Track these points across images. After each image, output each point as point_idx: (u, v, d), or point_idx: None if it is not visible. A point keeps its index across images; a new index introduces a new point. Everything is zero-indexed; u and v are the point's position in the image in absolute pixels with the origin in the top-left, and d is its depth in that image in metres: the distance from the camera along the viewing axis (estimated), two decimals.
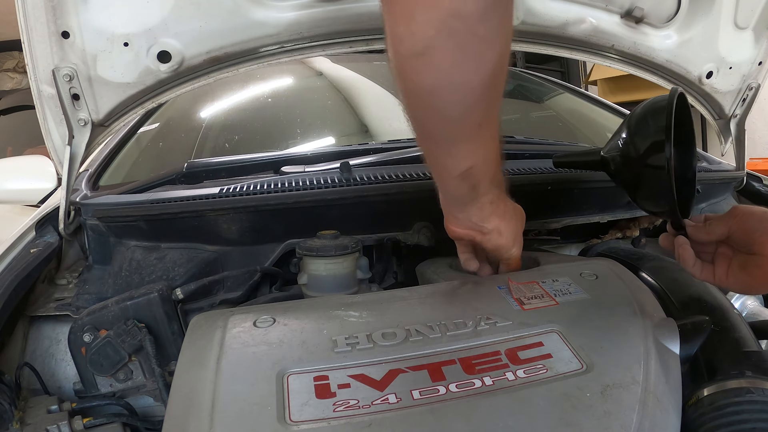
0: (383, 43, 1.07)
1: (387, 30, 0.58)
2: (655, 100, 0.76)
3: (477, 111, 0.63)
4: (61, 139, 0.93)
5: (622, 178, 0.82)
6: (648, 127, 0.74)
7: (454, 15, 0.54)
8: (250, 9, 0.93)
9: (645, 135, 0.75)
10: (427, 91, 0.60)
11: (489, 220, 0.75)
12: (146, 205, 0.93)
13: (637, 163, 0.75)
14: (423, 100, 0.62)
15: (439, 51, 0.56)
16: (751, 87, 1.33)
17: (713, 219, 0.72)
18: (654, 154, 0.71)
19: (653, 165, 0.71)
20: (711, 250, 0.73)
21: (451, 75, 0.58)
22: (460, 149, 0.67)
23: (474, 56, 0.57)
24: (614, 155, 0.81)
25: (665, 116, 0.70)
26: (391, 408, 0.52)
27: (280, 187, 0.94)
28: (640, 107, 0.79)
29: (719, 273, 0.70)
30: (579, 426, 0.50)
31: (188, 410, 0.53)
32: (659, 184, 0.70)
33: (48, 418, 0.74)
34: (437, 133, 0.67)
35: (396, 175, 0.98)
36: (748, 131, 1.39)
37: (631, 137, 0.78)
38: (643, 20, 1.17)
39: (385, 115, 1.55)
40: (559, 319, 0.65)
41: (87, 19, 0.86)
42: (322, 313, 0.68)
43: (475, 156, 0.67)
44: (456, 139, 0.66)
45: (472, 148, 0.67)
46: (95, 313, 0.81)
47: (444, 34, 0.55)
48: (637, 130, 0.77)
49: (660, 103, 0.73)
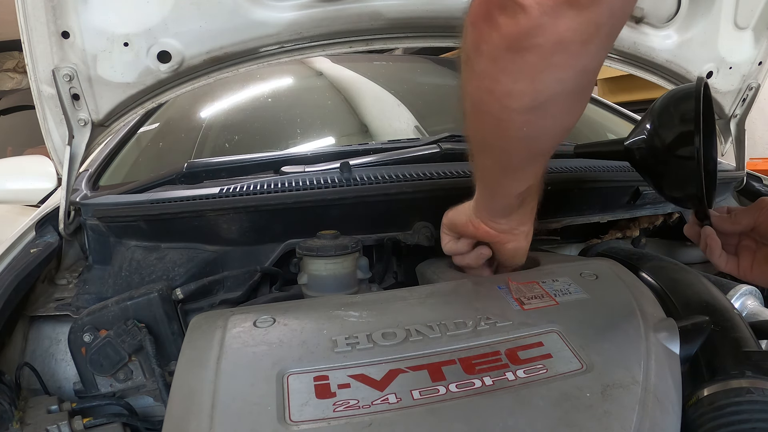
0: (383, 43, 1.08)
1: (493, 86, 0.55)
2: (680, 89, 0.75)
3: (556, 143, 0.63)
4: (61, 139, 0.93)
5: (646, 167, 0.81)
6: (674, 116, 0.74)
7: (582, 72, 0.53)
8: (250, 9, 0.93)
9: (672, 124, 0.74)
10: (532, 137, 0.60)
11: (526, 224, 0.76)
12: (146, 205, 0.93)
13: (663, 152, 0.74)
14: (521, 144, 0.61)
15: (558, 104, 0.56)
16: (751, 87, 1.33)
17: (738, 210, 0.71)
18: (682, 143, 0.70)
19: (681, 154, 0.70)
20: (733, 242, 0.72)
21: (564, 122, 0.59)
22: (527, 173, 0.67)
23: (581, 104, 0.58)
24: (639, 145, 0.80)
25: (693, 105, 0.69)
26: (391, 408, 0.52)
27: (280, 187, 0.94)
28: (664, 96, 0.78)
29: (744, 265, 0.70)
30: (579, 426, 0.50)
31: (188, 410, 0.53)
32: (686, 173, 0.69)
33: (48, 418, 0.74)
34: (515, 163, 0.66)
35: (396, 175, 0.98)
36: (748, 131, 1.39)
37: (657, 127, 0.77)
38: (643, 20, 1.17)
39: (385, 115, 1.55)
40: (559, 319, 0.65)
41: (87, 19, 0.86)
42: (322, 313, 0.68)
43: (536, 176, 0.69)
44: (525, 165, 0.66)
45: (537, 169, 0.68)
46: (95, 313, 0.81)
47: (570, 89, 0.54)
48: (663, 120, 0.76)
49: (686, 92, 0.73)
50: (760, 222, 0.69)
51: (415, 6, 1.01)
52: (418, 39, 1.08)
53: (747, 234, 0.71)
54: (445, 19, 1.04)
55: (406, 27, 1.03)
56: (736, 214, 0.71)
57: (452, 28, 1.07)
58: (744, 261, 0.70)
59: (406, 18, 1.01)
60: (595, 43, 0.49)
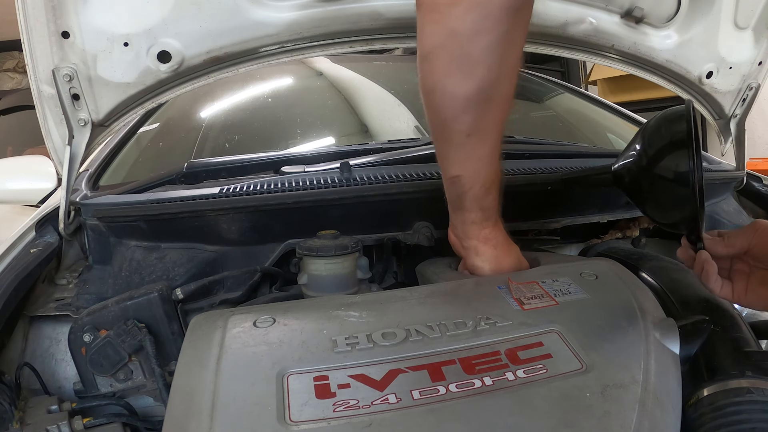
0: (383, 43, 1.08)
1: None
2: (669, 112, 0.76)
3: (464, 120, 0.69)
4: (61, 139, 0.93)
5: (636, 192, 0.81)
6: (666, 140, 0.74)
7: (450, 32, 0.64)
8: (250, 9, 0.93)
9: (664, 148, 0.74)
10: (427, 90, 0.70)
11: (468, 238, 0.79)
12: (146, 205, 0.93)
13: (654, 176, 0.74)
14: (425, 99, 0.71)
15: (436, 59, 0.66)
16: (751, 87, 1.33)
17: (730, 233, 0.70)
18: (675, 167, 0.70)
19: (675, 178, 0.70)
20: (726, 266, 0.71)
21: (443, 82, 0.67)
22: (451, 154, 0.74)
23: (462, 70, 0.66)
24: (629, 170, 0.80)
25: (685, 127, 0.69)
26: (391, 408, 0.52)
27: (280, 187, 0.94)
28: (653, 120, 0.79)
29: (738, 290, 0.69)
30: (579, 426, 0.50)
31: (188, 410, 0.53)
32: (679, 197, 0.69)
33: (48, 418, 0.74)
34: (435, 131, 0.74)
35: (396, 175, 0.98)
36: (748, 131, 1.39)
37: (647, 151, 0.77)
38: (643, 20, 1.17)
39: (385, 115, 1.55)
40: (559, 319, 0.65)
41: (87, 19, 0.86)
42: (322, 313, 0.68)
43: (463, 167, 0.74)
44: (448, 142, 0.73)
45: (461, 156, 0.73)
46: (95, 313, 0.81)
47: (440, 46, 0.65)
48: (654, 144, 0.76)
49: (676, 115, 0.73)
50: (754, 244, 0.68)
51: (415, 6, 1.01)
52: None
53: (739, 258, 0.70)
54: None
55: (406, 27, 1.03)
56: (729, 237, 0.70)
57: None
58: (738, 285, 0.69)
59: (406, 18, 1.01)
60: (460, 6, 0.61)
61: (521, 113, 1.91)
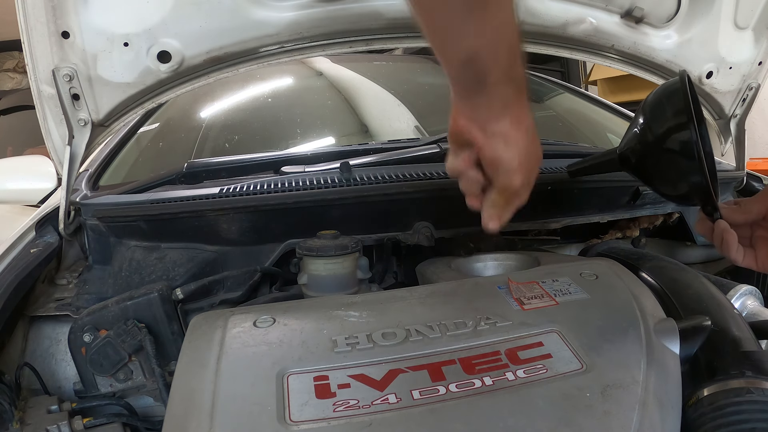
0: (383, 43, 1.08)
1: None
2: (665, 85, 0.75)
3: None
4: (61, 139, 0.93)
5: (644, 170, 0.80)
6: (666, 110, 0.73)
7: None
8: (250, 9, 0.93)
9: (664, 118, 0.73)
10: None
11: (497, 121, 0.60)
12: (146, 205, 0.93)
13: (659, 148, 0.73)
14: None
15: None
16: (751, 87, 1.33)
17: (746, 200, 0.68)
18: (677, 133, 0.69)
19: (680, 149, 0.69)
20: (746, 234, 0.69)
21: None
22: (461, 23, 0.54)
23: None
24: (634, 149, 0.79)
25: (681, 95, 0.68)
26: (391, 408, 0.52)
27: (280, 187, 0.94)
28: (650, 97, 0.78)
29: (761, 257, 0.67)
30: (579, 426, 0.50)
31: (188, 410, 0.53)
32: (687, 164, 0.68)
33: (48, 418, 0.74)
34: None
35: (396, 175, 0.98)
36: (748, 131, 1.39)
37: (649, 125, 0.76)
38: (643, 20, 1.17)
39: (385, 115, 1.55)
40: (559, 319, 0.65)
41: (87, 19, 0.86)
42: (322, 313, 0.68)
43: (480, 36, 0.55)
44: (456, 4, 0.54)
45: (477, 20, 0.54)
46: (95, 313, 0.81)
47: None
48: (655, 117, 0.75)
49: (671, 85, 0.72)
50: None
51: None
52: (418, 39, 1.08)
53: (759, 224, 0.68)
54: None
55: (406, 27, 1.03)
56: (745, 204, 0.68)
57: None
58: (761, 252, 0.66)
59: (406, 18, 1.01)
60: None
61: None
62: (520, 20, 0.58)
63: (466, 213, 0.70)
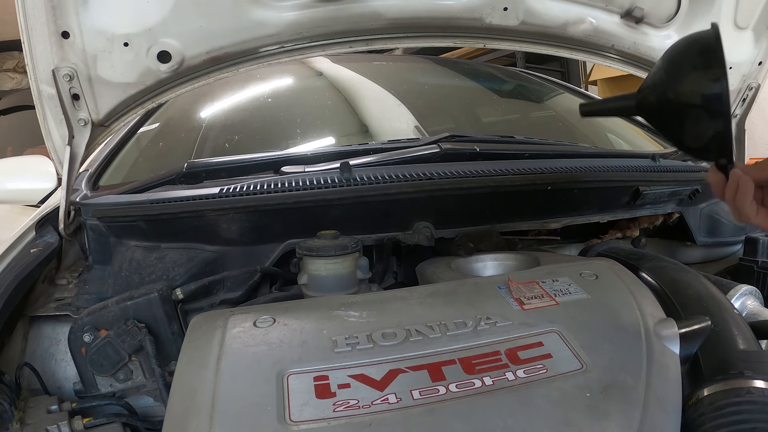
0: (383, 43, 1.08)
1: None
2: (694, 38, 0.73)
3: None
4: (61, 139, 0.93)
5: (661, 118, 0.79)
6: (694, 62, 0.71)
7: None
8: (250, 9, 0.93)
9: (695, 70, 0.71)
10: None
11: None
12: (146, 205, 0.93)
13: (683, 99, 0.72)
14: None
15: None
16: (751, 87, 1.33)
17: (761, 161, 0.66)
18: (709, 87, 0.67)
19: (706, 99, 0.67)
20: (758, 196, 0.66)
21: None
22: None
23: None
24: (656, 92, 0.78)
25: (715, 48, 0.67)
26: (391, 408, 0.52)
27: (280, 187, 0.94)
28: (677, 46, 0.76)
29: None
30: (579, 426, 0.50)
31: (188, 410, 0.53)
32: (712, 116, 0.67)
33: (48, 418, 0.74)
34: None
35: (396, 175, 0.98)
36: (748, 131, 1.39)
37: (676, 75, 0.74)
38: (643, 20, 1.17)
39: (385, 115, 1.55)
40: (559, 319, 0.65)
41: (87, 19, 0.86)
42: (322, 313, 0.68)
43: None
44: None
45: None
46: (95, 313, 0.81)
47: None
48: (682, 67, 0.73)
49: (701, 39, 0.71)
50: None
51: (415, 6, 1.01)
52: (418, 39, 1.08)
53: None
54: (444, 19, 1.04)
55: (406, 27, 1.03)
56: (759, 163, 0.67)
57: (452, 28, 1.07)
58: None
59: (406, 18, 1.01)
60: None
61: (521, 113, 1.91)
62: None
63: (466, 213, 0.70)
